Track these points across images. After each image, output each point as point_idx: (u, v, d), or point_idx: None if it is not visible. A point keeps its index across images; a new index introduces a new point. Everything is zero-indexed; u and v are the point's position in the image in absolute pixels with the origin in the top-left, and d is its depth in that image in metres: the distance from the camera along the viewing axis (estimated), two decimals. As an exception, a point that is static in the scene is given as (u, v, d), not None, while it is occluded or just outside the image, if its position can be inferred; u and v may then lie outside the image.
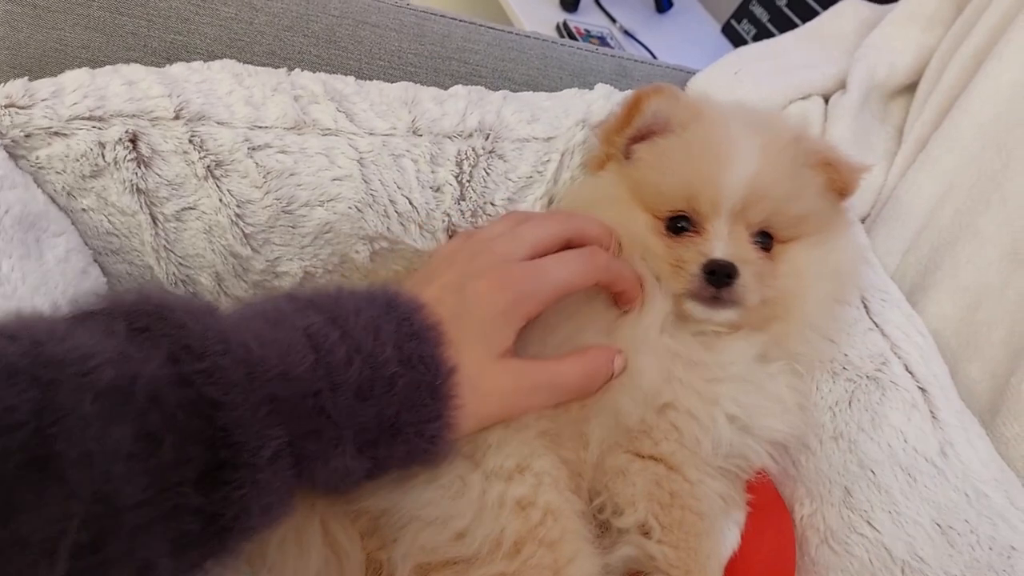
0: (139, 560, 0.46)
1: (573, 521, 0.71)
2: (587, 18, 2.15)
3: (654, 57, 2.02)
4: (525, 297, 0.69)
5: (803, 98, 1.19)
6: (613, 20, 2.18)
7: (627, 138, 0.83)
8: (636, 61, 1.27)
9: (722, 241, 0.77)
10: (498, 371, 0.68)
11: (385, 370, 0.59)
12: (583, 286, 0.74)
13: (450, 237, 0.87)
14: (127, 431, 0.45)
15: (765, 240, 0.81)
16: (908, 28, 1.17)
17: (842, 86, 1.18)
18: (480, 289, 0.68)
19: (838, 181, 0.83)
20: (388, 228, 0.83)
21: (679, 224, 0.80)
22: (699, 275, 0.75)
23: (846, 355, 0.89)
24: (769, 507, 0.84)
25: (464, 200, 0.86)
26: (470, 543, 0.67)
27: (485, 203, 0.88)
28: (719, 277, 0.75)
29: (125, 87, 0.75)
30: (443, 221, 0.86)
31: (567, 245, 0.76)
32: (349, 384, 0.56)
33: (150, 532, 0.46)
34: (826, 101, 1.19)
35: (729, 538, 0.79)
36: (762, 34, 2.10)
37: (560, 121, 0.92)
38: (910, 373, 0.89)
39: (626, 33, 2.15)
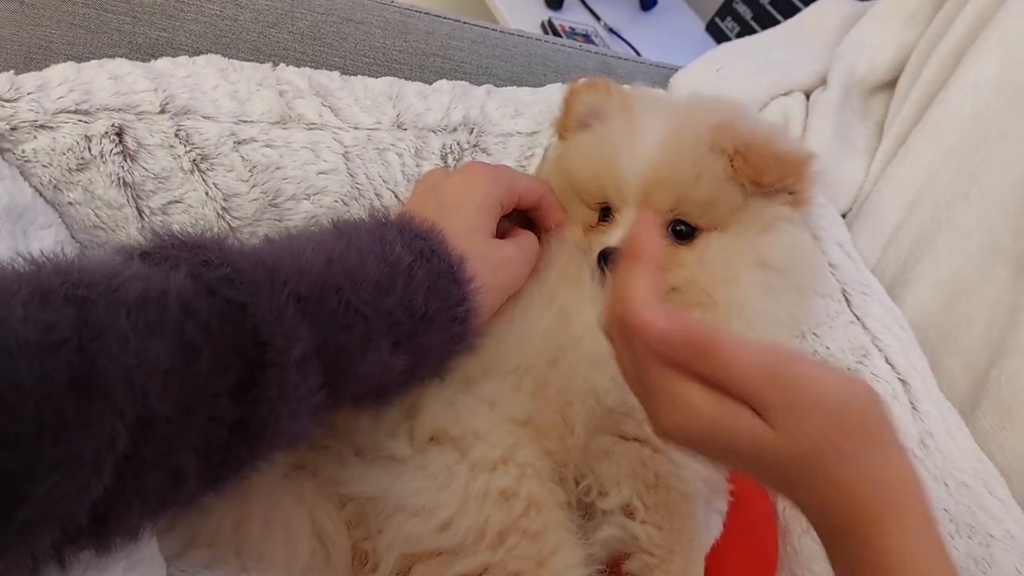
0: (170, 469, 0.46)
1: (556, 512, 0.71)
2: (572, 16, 2.15)
3: (638, 55, 2.03)
4: (493, 185, 0.74)
5: (785, 94, 1.20)
6: (598, 18, 2.19)
7: (569, 131, 0.88)
8: (620, 58, 1.28)
9: (624, 228, 0.80)
10: (494, 248, 0.71)
11: (401, 264, 0.60)
12: (535, 196, 0.79)
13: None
14: (165, 345, 0.45)
15: (685, 229, 0.80)
16: (888, 24, 1.19)
17: (823, 82, 1.19)
18: (452, 185, 0.73)
19: (746, 170, 0.78)
20: (374, 222, 0.83)
21: (605, 214, 0.83)
22: (595, 262, 0.78)
23: (827, 348, 0.90)
24: (752, 497, 0.85)
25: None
26: (454, 534, 0.67)
27: (469, 197, 0.88)
28: (603, 262, 0.77)
29: (111, 81, 0.75)
30: (428, 214, 0.87)
31: None
32: (368, 280, 0.57)
33: (183, 442, 0.46)
34: (807, 97, 1.20)
35: (712, 528, 0.79)
36: (746, 31, 2.11)
37: (543, 116, 0.93)
38: (890, 365, 0.90)
39: (611, 31, 2.16)
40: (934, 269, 1.02)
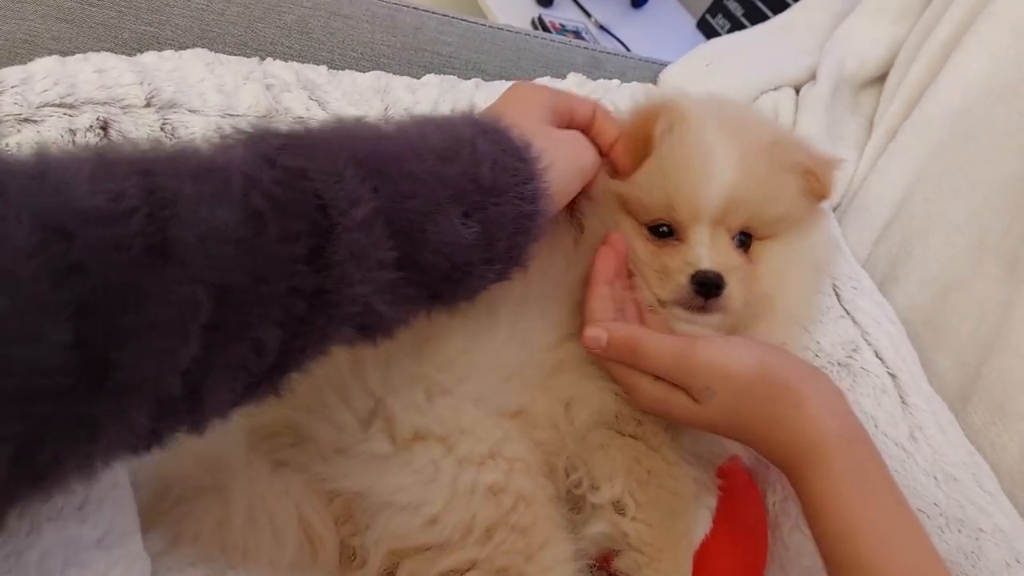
0: (253, 341, 0.46)
1: (545, 507, 0.71)
2: (562, 13, 2.15)
3: (628, 51, 2.02)
4: (541, 90, 0.74)
5: (774, 89, 1.20)
6: (588, 15, 2.19)
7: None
8: (609, 53, 1.28)
9: (706, 249, 0.76)
10: (557, 131, 0.71)
11: (463, 136, 0.60)
12: (588, 108, 0.77)
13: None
14: (233, 213, 0.45)
15: (744, 239, 0.80)
16: (878, 20, 1.19)
17: (813, 77, 1.19)
18: (502, 98, 0.73)
19: (817, 187, 0.81)
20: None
21: (661, 229, 0.79)
22: (687, 286, 0.74)
23: (818, 343, 0.90)
24: (741, 492, 0.84)
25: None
26: (442, 529, 0.67)
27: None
28: (708, 288, 0.74)
29: (96, 75, 0.74)
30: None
31: None
32: (429, 150, 0.57)
33: (262, 314, 0.46)
34: (797, 92, 1.20)
35: (701, 523, 0.79)
36: (736, 28, 2.11)
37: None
38: (880, 359, 0.90)
39: (601, 28, 2.15)
40: (924, 265, 1.02)
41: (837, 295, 0.94)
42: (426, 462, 0.69)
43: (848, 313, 0.93)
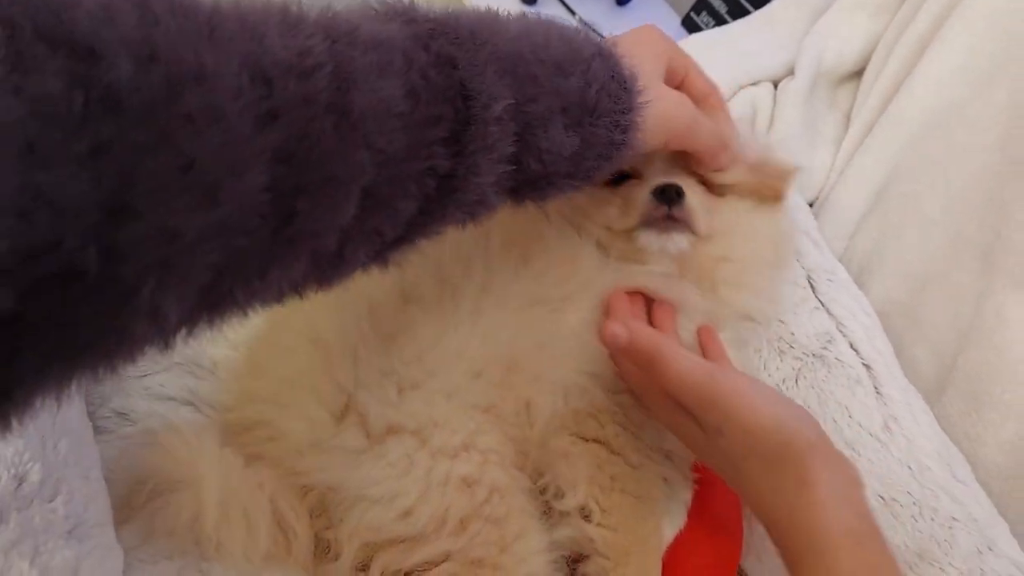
0: (392, 211, 0.49)
1: (519, 498, 0.72)
2: (547, 10, 2.14)
3: (613, 48, 2.03)
4: (667, 42, 0.74)
5: (753, 84, 1.20)
6: (573, 13, 2.18)
7: None
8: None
9: (662, 173, 0.80)
10: (663, 91, 0.70)
11: (582, 53, 0.61)
12: (687, 61, 0.77)
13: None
14: (397, 86, 0.47)
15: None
16: (855, 15, 1.19)
17: (791, 72, 1.19)
18: (629, 37, 0.71)
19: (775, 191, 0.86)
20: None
21: (620, 179, 0.82)
22: (649, 199, 0.77)
23: (793, 334, 0.91)
24: (716, 485, 0.85)
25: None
26: (415, 521, 0.67)
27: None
28: (668, 194, 0.76)
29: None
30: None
31: None
32: (551, 60, 0.59)
33: (404, 187, 0.49)
34: (775, 87, 1.21)
35: (676, 517, 0.80)
36: (721, 26, 2.11)
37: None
38: (855, 350, 0.91)
39: (586, 25, 2.15)
40: (901, 258, 1.03)
41: (812, 287, 0.95)
42: (400, 455, 0.69)
43: (823, 305, 0.94)
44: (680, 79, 0.76)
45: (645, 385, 0.72)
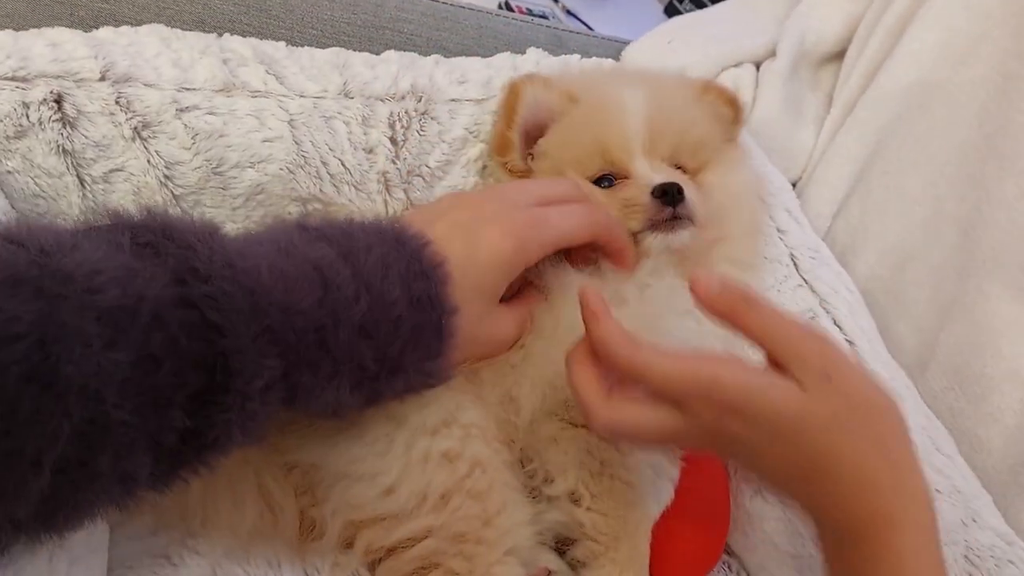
0: (121, 473, 0.46)
1: (502, 472, 0.71)
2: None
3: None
4: (528, 244, 0.70)
5: (735, 65, 1.20)
6: (555, 0, 2.19)
7: (519, 133, 0.85)
8: (572, 32, 1.28)
9: (650, 172, 0.81)
10: (492, 319, 0.70)
11: (392, 312, 0.59)
12: (581, 239, 0.74)
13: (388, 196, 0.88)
14: (127, 356, 0.44)
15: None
16: (837, -4, 1.19)
17: (773, 54, 1.20)
18: (490, 235, 0.68)
19: (721, 95, 0.90)
20: (321, 189, 0.83)
21: (604, 183, 0.83)
22: (651, 202, 0.77)
23: (776, 311, 0.91)
24: (702, 464, 0.85)
25: (399, 160, 0.87)
26: (397, 498, 0.67)
27: (420, 164, 0.89)
28: (670, 195, 0.77)
29: (49, 48, 0.74)
30: (379, 182, 0.86)
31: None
32: (353, 321, 0.56)
33: (134, 449, 0.46)
34: (757, 68, 1.21)
35: (663, 495, 0.80)
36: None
37: (492, 83, 0.93)
38: (838, 327, 0.91)
39: (568, 13, 2.16)
40: (883, 236, 1.04)
41: (795, 264, 0.95)
42: (378, 434, 0.68)
43: (806, 282, 0.94)
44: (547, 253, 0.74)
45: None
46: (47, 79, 0.72)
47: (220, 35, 0.85)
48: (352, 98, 0.85)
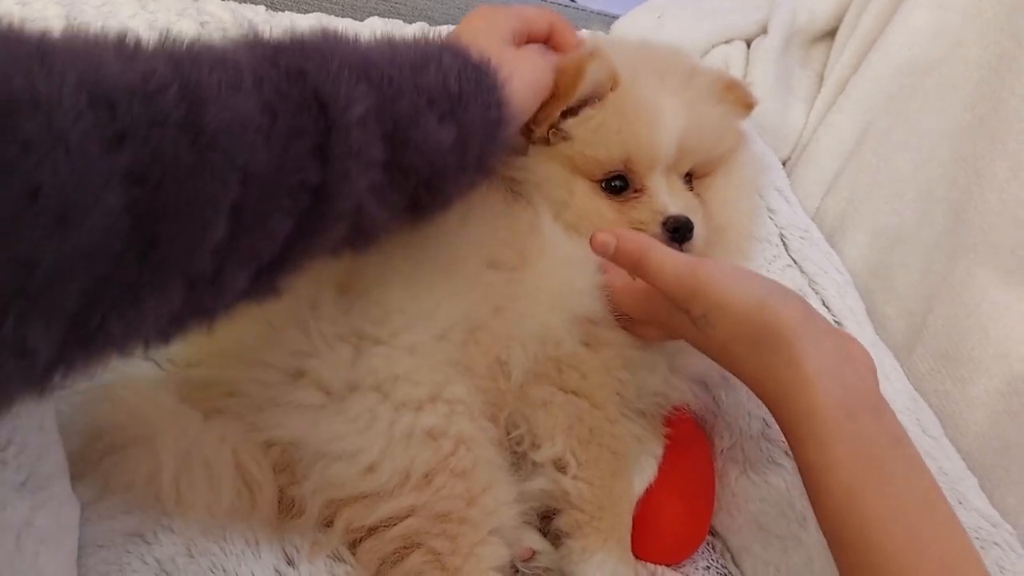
0: (266, 227, 0.48)
1: (487, 449, 0.70)
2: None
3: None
4: (508, 19, 0.74)
5: (726, 42, 1.19)
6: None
7: (564, 110, 0.79)
8: (558, 4, 1.26)
9: (668, 195, 0.78)
10: (513, 51, 0.72)
11: (429, 50, 0.62)
12: (545, 22, 0.79)
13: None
14: (252, 102, 0.46)
15: (687, 181, 0.83)
16: (829, -26, 1.18)
17: (764, 31, 1.18)
18: (474, 21, 0.73)
19: (742, 97, 0.86)
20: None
21: (614, 183, 0.80)
22: (660, 232, 0.76)
23: (765, 291, 0.90)
24: (688, 440, 0.84)
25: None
26: (379, 476, 0.65)
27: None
28: (682, 232, 0.76)
29: (18, 6, 0.71)
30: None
31: None
32: (403, 60, 0.59)
33: (277, 202, 0.48)
34: (748, 45, 1.19)
35: (646, 471, 0.79)
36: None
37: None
38: (827, 307, 0.91)
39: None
40: (872, 217, 1.03)
41: (784, 244, 0.94)
42: (362, 410, 0.67)
43: (796, 263, 0.93)
44: (525, 36, 0.77)
45: (635, 298, 0.72)
46: (16, 38, 0.70)
47: (198, -2, 0.83)
48: (334, 65, 0.83)
